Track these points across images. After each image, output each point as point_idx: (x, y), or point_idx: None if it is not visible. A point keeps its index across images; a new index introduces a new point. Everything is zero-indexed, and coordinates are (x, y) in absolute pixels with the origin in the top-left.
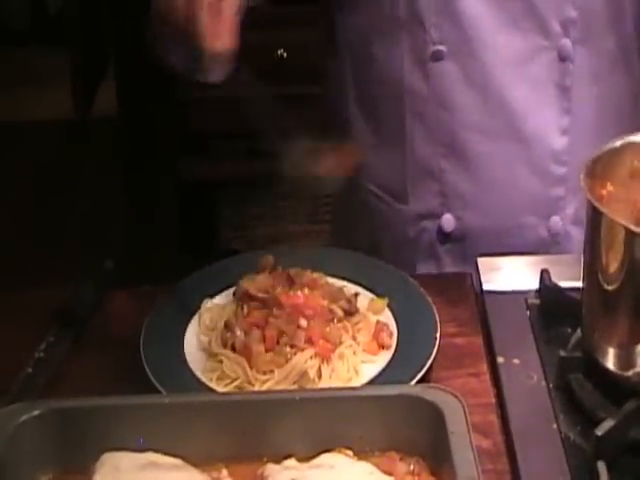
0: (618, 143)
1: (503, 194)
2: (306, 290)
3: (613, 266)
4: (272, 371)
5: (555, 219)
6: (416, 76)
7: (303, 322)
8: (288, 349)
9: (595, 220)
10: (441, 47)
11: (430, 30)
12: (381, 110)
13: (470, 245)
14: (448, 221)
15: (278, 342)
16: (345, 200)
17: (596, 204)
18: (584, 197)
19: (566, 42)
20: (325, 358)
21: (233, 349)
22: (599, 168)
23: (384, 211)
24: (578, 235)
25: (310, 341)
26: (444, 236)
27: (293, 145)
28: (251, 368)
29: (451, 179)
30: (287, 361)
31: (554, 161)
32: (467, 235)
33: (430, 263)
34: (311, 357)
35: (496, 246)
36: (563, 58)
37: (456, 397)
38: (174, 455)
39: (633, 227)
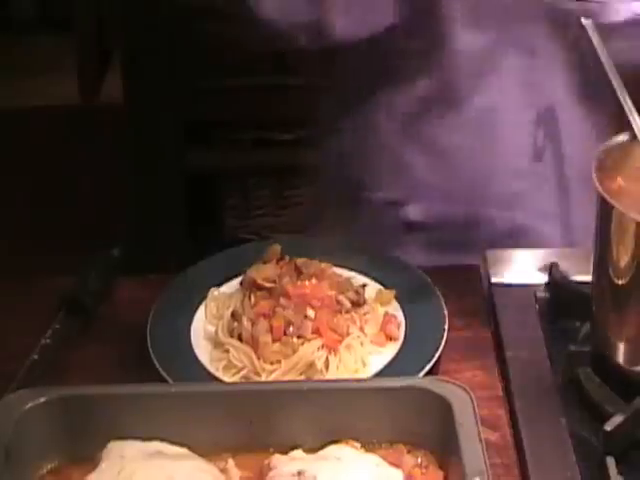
0: (628, 137)
1: (468, 186)
2: (314, 280)
3: (623, 260)
4: (279, 361)
5: (519, 212)
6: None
7: (310, 312)
8: (295, 340)
9: (605, 214)
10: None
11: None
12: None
13: (435, 235)
14: (413, 210)
15: (285, 332)
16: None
17: (607, 198)
18: (549, 191)
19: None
20: (332, 349)
21: (240, 339)
22: (609, 162)
23: (352, 198)
24: (542, 229)
25: (317, 332)
26: (409, 225)
27: None
28: (258, 358)
29: (418, 170)
30: (294, 352)
31: (519, 155)
32: (432, 225)
33: (395, 252)
34: (318, 348)
35: (460, 237)
36: (532, 53)
37: (464, 390)
38: (180, 444)
39: None
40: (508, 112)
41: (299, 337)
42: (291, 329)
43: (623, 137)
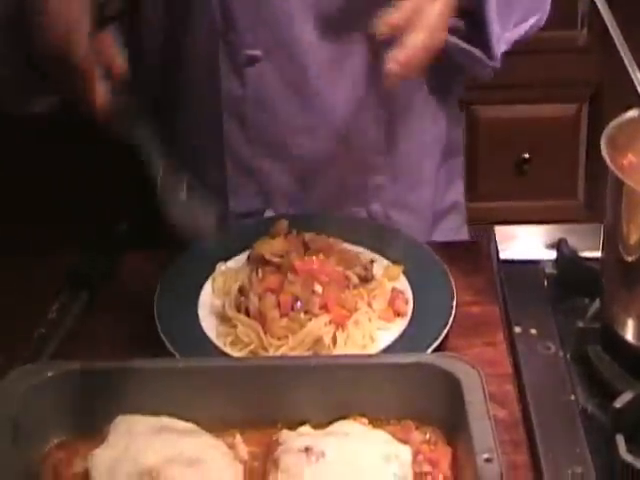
0: (639, 112)
1: (324, 188)
2: (321, 255)
3: (634, 236)
4: (286, 337)
5: (375, 206)
6: (232, 79)
7: (318, 288)
8: (303, 315)
9: (616, 190)
10: (256, 52)
11: (242, 32)
12: (197, 111)
13: None
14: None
15: (292, 308)
16: None
17: (617, 174)
18: (404, 183)
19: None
20: (340, 325)
21: (247, 314)
22: (620, 138)
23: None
24: (398, 218)
25: (325, 307)
26: None
27: None
28: (265, 333)
29: (273, 177)
30: (302, 327)
31: (373, 152)
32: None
33: None
34: (326, 323)
35: None
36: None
37: (473, 366)
38: (188, 420)
39: None
40: (361, 112)
41: (306, 313)
42: (299, 304)
43: (634, 113)
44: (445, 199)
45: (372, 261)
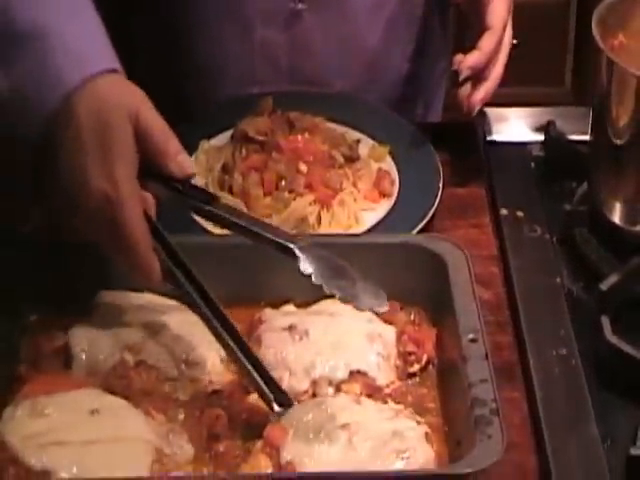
0: None
1: None
2: (306, 134)
3: (623, 119)
4: (270, 216)
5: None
6: (270, 30)
7: (303, 167)
8: (287, 194)
9: (606, 71)
10: (301, 6)
11: None
12: (229, 53)
13: None
14: None
15: (277, 187)
16: None
17: (608, 53)
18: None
19: None
20: (325, 204)
21: (230, 192)
22: (611, 17)
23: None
24: None
25: (310, 186)
26: None
27: None
28: (249, 212)
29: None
30: (286, 206)
31: (402, 85)
32: None
33: None
34: (310, 203)
35: None
36: None
37: (459, 247)
38: (171, 297)
39: None
40: (394, 51)
41: (291, 192)
42: (283, 183)
43: None
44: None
45: (358, 141)
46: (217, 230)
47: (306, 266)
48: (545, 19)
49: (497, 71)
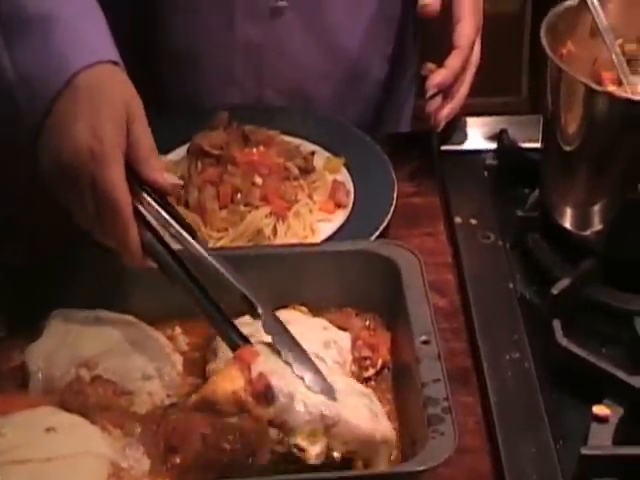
0: (578, 0)
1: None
2: (261, 147)
3: (572, 126)
4: (226, 229)
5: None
6: (252, 29)
7: (258, 180)
8: (243, 207)
9: (555, 79)
10: (282, 3)
11: None
12: (209, 45)
13: None
14: None
15: (232, 200)
16: None
17: (557, 62)
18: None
19: None
20: (280, 216)
21: (187, 206)
22: (559, 26)
23: None
24: None
25: (265, 199)
26: None
27: None
28: (205, 226)
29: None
30: (242, 219)
31: (379, 88)
32: None
33: None
34: (266, 215)
35: None
36: None
37: (412, 252)
38: (127, 313)
39: (593, 85)
40: (372, 51)
41: (247, 204)
42: (239, 196)
43: (572, 1)
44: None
45: (313, 153)
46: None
47: (269, 329)
48: (500, 28)
49: (463, 89)
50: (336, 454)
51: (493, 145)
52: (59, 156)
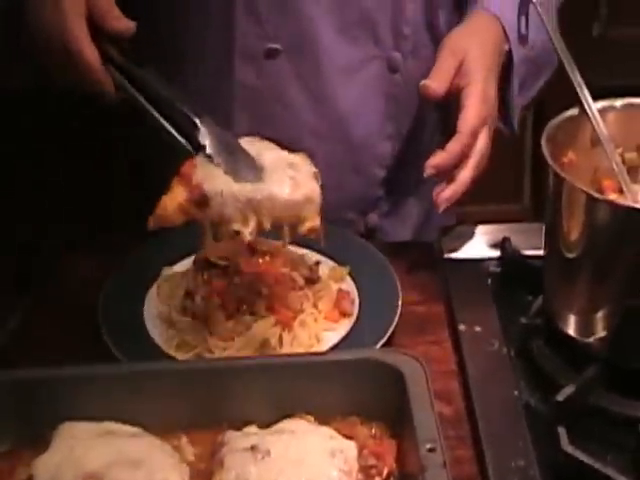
0: (578, 111)
1: (327, 190)
2: (267, 257)
3: (574, 234)
4: (232, 339)
5: (372, 216)
6: (248, 70)
7: (264, 290)
8: (248, 317)
9: (556, 187)
10: (276, 45)
11: (265, 26)
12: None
13: None
14: None
15: (238, 310)
16: None
17: (558, 171)
18: (400, 194)
19: (397, 55)
20: (286, 326)
21: (193, 317)
22: (560, 135)
23: None
24: (390, 228)
25: (271, 309)
26: None
27: None
28: (211, 336)
29: None
30: (248, 329)
31: (377, 165)
32: None
33: None
34: (272, 325)
35: None
36: (393, 70)
37: (417, 360)
38: (134, 424)
39: (594, 193)
40: (370, 123)
41: (252, 314)
42: (244, 306)
43: (573, 111)
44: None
45: (318, 262)
46: (180, 356)
47: (204, 139)
48: (502, 137)
49: (464, 175)
50: (266, 224)
51: (496, 253)
52: (36, 21)
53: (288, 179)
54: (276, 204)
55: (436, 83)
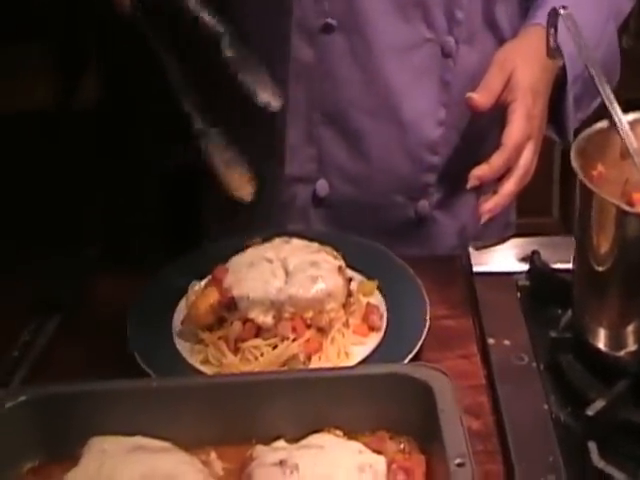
0: (608, 123)
1: (376, 170)
2: None
3: (604, 247)
4: (262, 355)
5: (423, 203)
6: (303, 46)
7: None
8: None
9: (586, 200)
10: (331, 21)
11: (322, 2)
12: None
13: (342, 213)
14: (322, 186)
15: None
16: None
17: (587, 184)
18: (452, 185)
19: (450, 40)
20: (317, 351)
21: (222, 339)
22: (590, 148)
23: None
24: (442, 219)
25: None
26: (318, 201)
27: None
28: (236, 354)
29: (328, 147)
30: (274, 348)
31: (428, 150)
32: (339, 203)
33: (300, 225)
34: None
35: (366, 217)
36: (446, 54)
37: (445, 374)
38: (163, 439)
39: (624, 206)
40: (421, 107)
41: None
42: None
43: (602, 124)
44: None
45: (350, 279)
46: (208, 371)
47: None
48: None
49: (507, 188)
50: (286, 315)
51: (525, 266)
52: None
53: (310, 280)
54: (298, 303)
55: (483, 97)
